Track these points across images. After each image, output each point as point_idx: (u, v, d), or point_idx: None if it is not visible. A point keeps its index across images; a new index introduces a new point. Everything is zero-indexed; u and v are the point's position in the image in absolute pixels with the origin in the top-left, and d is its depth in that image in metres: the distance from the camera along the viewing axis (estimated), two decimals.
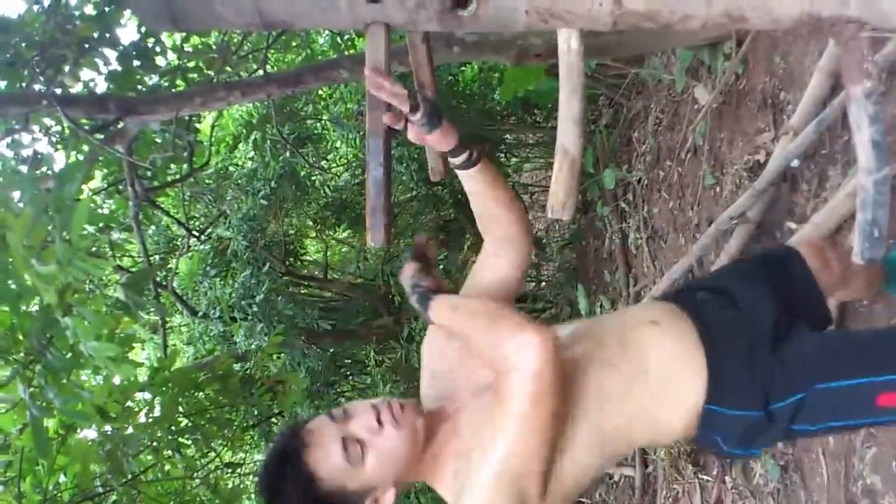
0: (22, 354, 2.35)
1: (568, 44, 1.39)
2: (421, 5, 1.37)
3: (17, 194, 2.21)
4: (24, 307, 2.49)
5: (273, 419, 6.62)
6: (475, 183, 1.53)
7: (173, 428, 3.47)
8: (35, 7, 3.84)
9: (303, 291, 7.61)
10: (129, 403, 3.28)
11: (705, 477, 3.71)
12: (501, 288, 1.58)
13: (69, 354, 2.19)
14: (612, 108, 5.81)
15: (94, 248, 4.80)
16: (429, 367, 1.62)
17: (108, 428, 3.22)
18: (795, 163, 2.99)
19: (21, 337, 2.46)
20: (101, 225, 5.08)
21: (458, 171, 1.53)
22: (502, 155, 7.46)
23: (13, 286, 2.32)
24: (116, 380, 3.25)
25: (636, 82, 5.25)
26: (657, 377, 1.47)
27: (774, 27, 1.32)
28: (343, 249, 9.19)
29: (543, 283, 7.31)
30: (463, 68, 6.43)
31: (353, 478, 1.37)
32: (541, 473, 1.32)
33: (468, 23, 1.38)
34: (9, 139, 4.14)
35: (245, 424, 5.28)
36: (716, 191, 3.92)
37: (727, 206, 3.43)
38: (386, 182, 1.38)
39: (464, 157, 1.48)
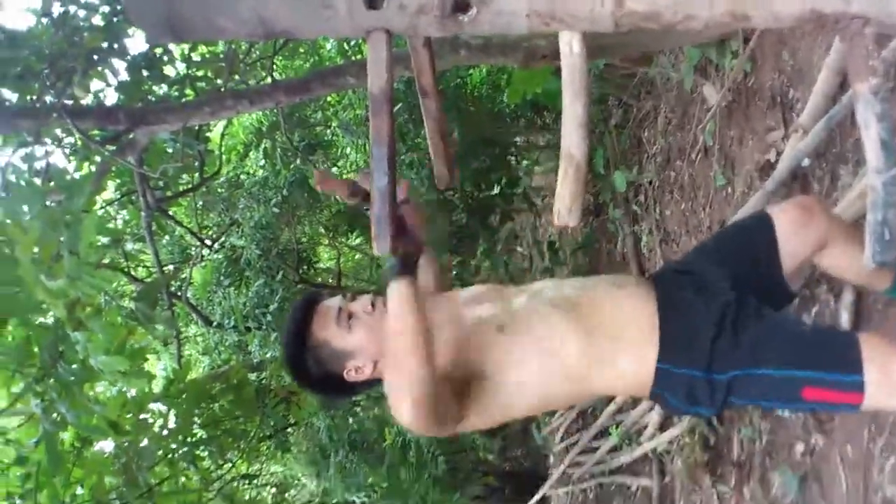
0: (35, 369, 2.35)
1: (570, 46, 1.38)
2: (421, 11, 1.36)
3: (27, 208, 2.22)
4: (38, 320, 2.50)
5: (289, 429, 6.63)
6: None
7: (188, 439, 3.47)
8: (44, 20, 3.87)
9: None
10: (143, 416, 3.28)
11: (723, 488, 3.65)
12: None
13: (80, 368, 2.20)
14: (622, 108, 5.78)
15: (107, 259, 4.83)
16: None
17: (124, 440, 3.23)
18: (806, 162, 2.96)
19: (36, 350, 2.46)
20: (113, 239, 5.10)
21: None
22: (513, 158, 7.46)
23: (26, 300, 2.32)
24: (132, 392, 3.26)
25: (645, 82, 5.23)
26: (613, 328, 1.68)
27: (777, 25, 1.31)
28: (356, 256, 9.20)
29: None
30: (471, 71, 6.43)
31: (337, 337, 1.69)
32: (446, 411, 1.60)
33: (469, 27, 1.38)
34: (23, 153, 4.16)
35: (261, 435, 5.28)
36: (727, 191, 3.89)
37: (739, 207, 3.40)
38: (391, 191, 1.38)
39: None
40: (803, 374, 1.57)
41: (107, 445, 3.60)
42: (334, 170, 7.34)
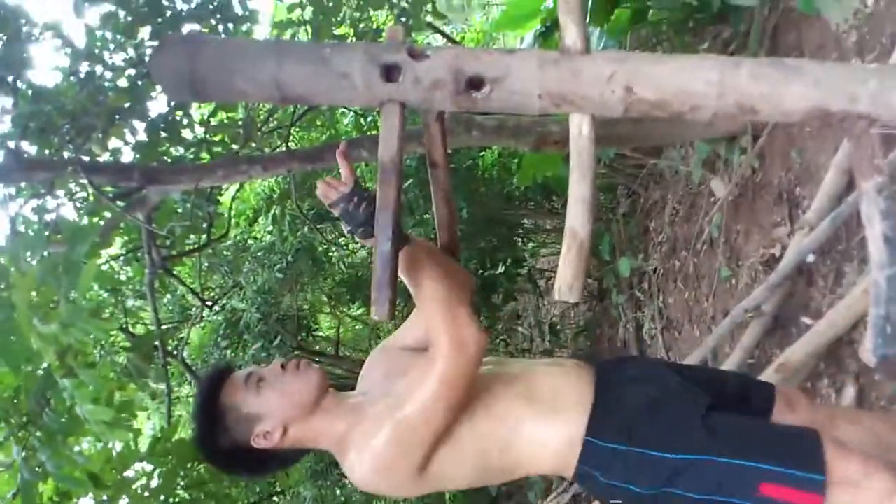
0: (20, 417, 2.32)
1: (579, 129, 1.41)
2: (436, 86, 1.39)
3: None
4: (29, 369, 2.47)
5: (275, 497, 6.48)
6: None
7: (171, 500, 3.39)
8: (71, 78, 3.97)
9: None
10: (127, 473, 3.21)
11: None
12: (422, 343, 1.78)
13: (66, 417, 2.16)
14: (630, 197, 5.85)
15: (107, 314, 4.81)
16: (364, 374, 1.84)
17: (104, 497, 3.15)
18: (811, 258, 2.97)
19: (23, 398, 2.43)
20: (110, 288, 5.10)
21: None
22: (520, 239, 7.51)
23: (20, 348, 2.30)
24: (117, 447, 3.20)
25: (654, 173, 5.30)
26: (544, 402, 1.64)
27: (785, 119, 1.33)
28: (356, 327, 9.16)
29: None
30: (483, 153, 6.53)
31: (247, 403, 1.61)
32: (426, 446, 1.53)
33: (482, 104, 1.41)
34: (35, 204, 4.20)
35: (246, 502, 5.15)
36: (731, 283, 3.89)
37: (742, 298, 3.39)
38: (393, 256, 1.38)
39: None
40: (762, 467, 1.50)
41: (86, 503, 3.52)
42: (341, 240, 7.39)
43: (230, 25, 4.10)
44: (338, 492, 6.73)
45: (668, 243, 4.92)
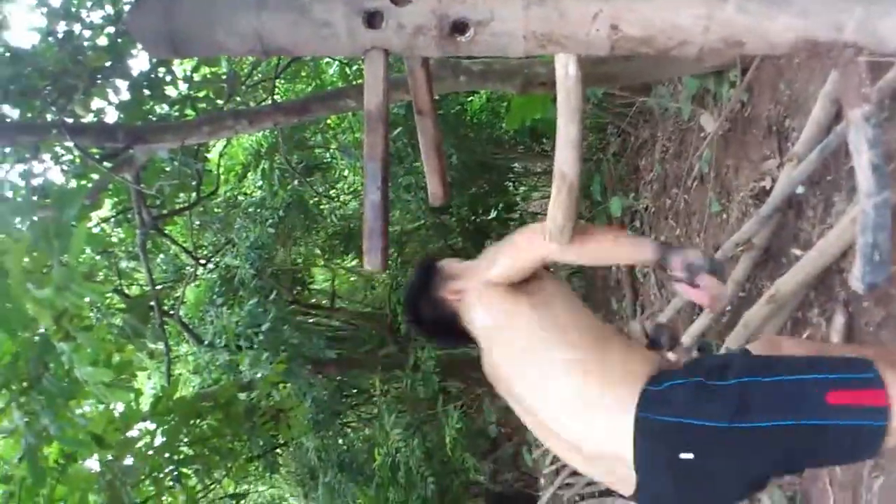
0: (20, 383, 2.33)
1: (566, 69, 1.39)
2: (419, 31, 1.37)
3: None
4: (26, 334, 2.48)
5: (277, 450, 6.58)
6: None
7: (175, 457, 3.44)
8: (49, 38, 3.89)
9: (309, 320, 7.60)
10: (130, 433, 3.25)
11: None
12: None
13: (66, 381, 2.18)
14: (620, 136, 5.82)
15: (101, 277, 4.81)
16: None
17: (109, 457, 3.19)
18: (800, 189, 2.97)
19: (21, 363, 2.44)
20: (102, 250, 5.08)
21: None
22: (510, 183, 7.50)
23: (15, 313, 2.30)
24: (119, 408, 3.24)
25: (643, 111, 5.27)
26: (615, 356, 1.64)
27: (772, 52, 1.32)
28: (351, 278, 9.19)
29: None
30: (471, 98, 6.47)
31: (453, 266, 1.88)
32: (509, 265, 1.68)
33: (466, 48, 1.39)
34: (21, 169, 4.16)
35: (249, 455, 5.24)
36: (722, 217, 3.91)
37: (733, 232, 3.41)
38: (383, 206, 1.38)
39: None
40: (821, 377, 1.48)
41: (91, 464, 3.57)
42: (332, 192, 7.37)
43: None
44: (340, 441, 6.84)
45: (659, 181, 4.92)
